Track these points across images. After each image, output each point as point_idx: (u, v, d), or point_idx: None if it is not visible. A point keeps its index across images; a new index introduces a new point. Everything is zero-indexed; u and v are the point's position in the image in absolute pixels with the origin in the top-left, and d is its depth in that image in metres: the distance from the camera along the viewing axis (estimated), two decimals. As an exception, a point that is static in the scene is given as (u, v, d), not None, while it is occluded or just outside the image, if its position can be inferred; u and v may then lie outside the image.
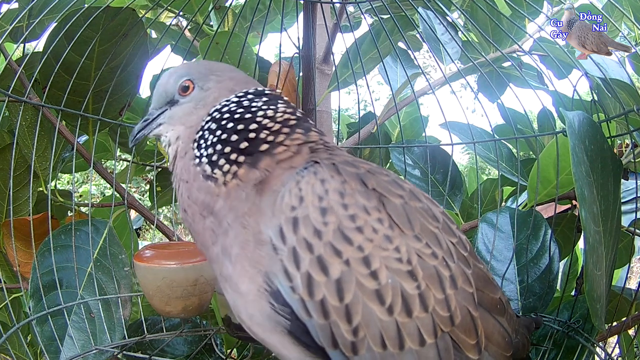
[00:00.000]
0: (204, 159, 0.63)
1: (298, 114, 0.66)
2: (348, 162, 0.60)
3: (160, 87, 0.70)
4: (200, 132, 0.65)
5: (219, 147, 0.62)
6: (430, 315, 0.55)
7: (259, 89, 0.67)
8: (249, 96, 0.66)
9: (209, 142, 0.63)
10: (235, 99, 0.65)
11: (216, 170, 0.61)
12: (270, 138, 0.62)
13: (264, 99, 0.65)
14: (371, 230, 0.55)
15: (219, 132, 0.63)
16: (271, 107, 0.64)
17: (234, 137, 0.62)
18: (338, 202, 0.55)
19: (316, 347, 0.56)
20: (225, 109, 0.64)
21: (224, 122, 0.63)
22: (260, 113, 0.63)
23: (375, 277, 0.54)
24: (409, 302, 0.54)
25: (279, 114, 0.64)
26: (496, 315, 0.62)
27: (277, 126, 0.63)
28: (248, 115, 0.63)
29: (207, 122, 0.65)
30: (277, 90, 0.69)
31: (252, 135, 0.62)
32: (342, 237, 0.54)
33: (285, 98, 0.68)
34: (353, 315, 0.54)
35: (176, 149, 0.67)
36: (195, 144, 0.65)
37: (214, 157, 0.62)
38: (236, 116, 0.63)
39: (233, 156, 0.61)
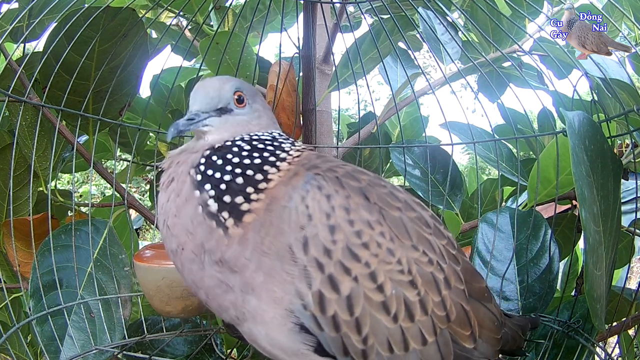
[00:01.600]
0: (209, 188, 0.60)
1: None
2: (349, 175, 0.61)
3: (212, 90, 0.67)
4: (230, 143, 0.63)
5: (239, 180, 0.60)
6: (430, 318, 0.59)
7: (284, 136, 0.69)
8: (280, 139, 0.68)
9: (228, 169, 0.61)
10: (272, 143, 0.66)
11: (225, 214, 0.59)
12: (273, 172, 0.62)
13: (285, 146, 0.67)
14: (376, 245, 0.57)
15: (246, 162, 0.61)
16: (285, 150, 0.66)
17: (259, 177, 0.61)
18: (345, 219, 0.57)
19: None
20: (261, 145, 0.64)
21: (254, 155, 0.63)
22: (272, 159, 0.64)
23: (381, 290, 0.57)
24: (412, 308, 0.58)
25: (289, 157, 0.65)
26: (485, 302, 0.67)
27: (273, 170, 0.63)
28: (273, 158, 0.64)
29: (240, 140, 0.64)
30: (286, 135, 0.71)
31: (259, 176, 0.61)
32: (351, 255, 0.56)
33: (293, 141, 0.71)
34: (362, 326, 0.57)
35: (192, 146, 0.65)
36: (213, 157, 0.62)
37: (226, 197, 0.59)
38: (265, 154, 0.63)
39: (254, 196, 0.59)
